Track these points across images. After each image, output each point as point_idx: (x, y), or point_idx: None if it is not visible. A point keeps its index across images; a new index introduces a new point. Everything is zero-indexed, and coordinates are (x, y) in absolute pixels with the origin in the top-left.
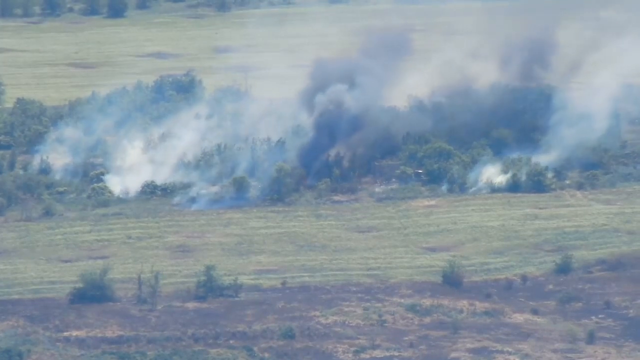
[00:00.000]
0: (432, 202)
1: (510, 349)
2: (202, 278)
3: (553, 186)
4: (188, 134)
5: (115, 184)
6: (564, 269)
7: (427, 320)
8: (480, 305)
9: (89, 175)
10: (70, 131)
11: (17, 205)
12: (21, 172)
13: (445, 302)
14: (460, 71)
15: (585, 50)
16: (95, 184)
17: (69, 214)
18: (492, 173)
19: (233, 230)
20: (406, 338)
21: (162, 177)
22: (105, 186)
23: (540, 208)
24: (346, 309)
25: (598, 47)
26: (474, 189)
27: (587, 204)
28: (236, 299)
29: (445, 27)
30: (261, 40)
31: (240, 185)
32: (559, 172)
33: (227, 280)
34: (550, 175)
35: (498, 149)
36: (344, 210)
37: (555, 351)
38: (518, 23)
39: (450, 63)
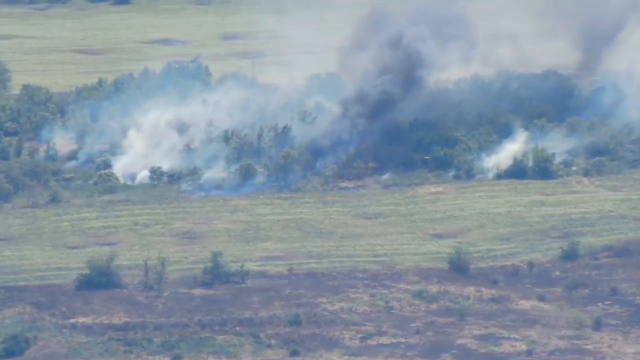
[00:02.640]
0: (439, 189)
1: (516, 336)
2: (209, 264)
3: (560, 173)
4: (195, 120)
5: (122, 171)
6: (570, 255)
7: (434, 306)
8: (486, 292)
9: (96, 162)
10: (76, 118)
11: (24, 191)
12: (28, 158)
13: (452, 288)
14: (520, 53)
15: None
16: (101, 171)
17: (76, 200)
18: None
19: (240, 216)
20: (413, 324)
21: (169, 163)
22: (112, 173)
23: (546, 194)
24: (353, 296)
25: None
26: (481, 175)
27: (593, 191)
28: (243, 285)
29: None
30: (268, 27)
31: (246, 172)
32: (570, 160)
33: (233, 267)
34: (557, 161)
35: (506, 133)
36: (351, 197)
37: (561, 338)
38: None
39: (508, 43)
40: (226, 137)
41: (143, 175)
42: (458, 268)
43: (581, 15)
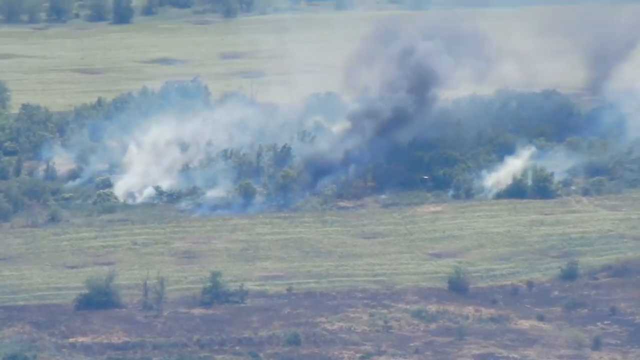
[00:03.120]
0: (438, 208)
1: (516, 355)
2: (208, 284)
3: (559, 192)
4: (194, 139)
5: (121, 190)
6: (569, 275)
7: (433, 326)
8: (486, 312)
9: (95, 182)
10: (76, 137)
11: (23, 211)
12: (27, 178)
13: (451, 308)
14: (530, 72)
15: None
16: (101, 190)
17: (75, 219)
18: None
19: (239, 236)
20: (412, 344)
21: (168, 182)
22: (111, 192)
23: (546, 214)
24: (352, 315)
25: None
26: (481, 194)
27: (593, 210)
28: (242, 305)
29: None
30: (268, 46)
31: (246, 191)
32: (569, 179)
33: (232, 287)
34: (557, 181)
35: (505, 153)
36: (350, 216)
37: (561, 357)
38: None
39: (522, 62)
40: (225, 157)
41: (148, 193)
42: (457, 288)
43: (590, 34)
